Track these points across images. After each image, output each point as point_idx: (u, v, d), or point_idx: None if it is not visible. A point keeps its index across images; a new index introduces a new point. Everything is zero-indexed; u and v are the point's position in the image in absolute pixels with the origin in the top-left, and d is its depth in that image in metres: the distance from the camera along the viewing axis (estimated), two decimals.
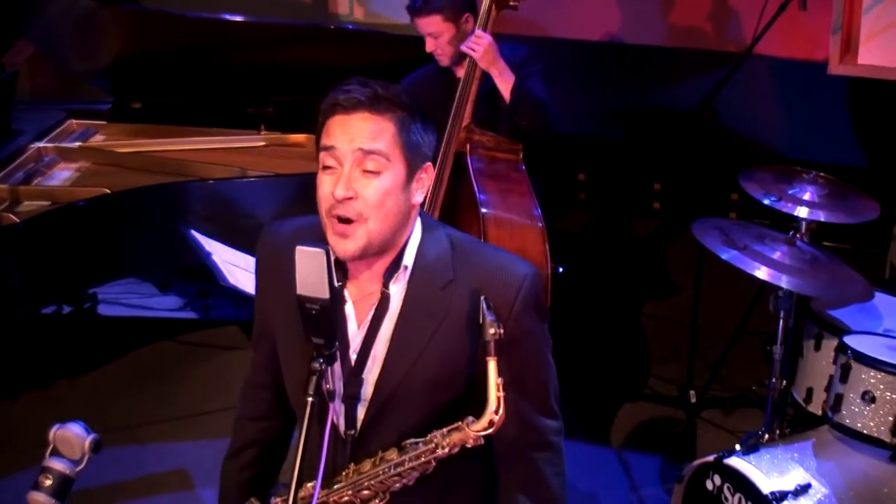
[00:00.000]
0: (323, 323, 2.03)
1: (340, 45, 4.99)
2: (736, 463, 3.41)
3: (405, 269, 2.16)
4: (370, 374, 2.17)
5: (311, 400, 2.02)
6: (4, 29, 5.07)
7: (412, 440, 2.11)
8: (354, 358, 2.18)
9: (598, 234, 6.47)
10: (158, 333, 5.29)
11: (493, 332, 2.00)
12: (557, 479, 2.27)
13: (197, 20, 4.88)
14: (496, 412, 2.02)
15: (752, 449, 3.49)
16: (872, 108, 5.74)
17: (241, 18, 4.85)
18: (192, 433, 4.53)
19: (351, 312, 2.19)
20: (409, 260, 2.16)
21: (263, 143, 5.06)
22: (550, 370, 2.24)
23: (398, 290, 2.16)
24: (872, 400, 3.43)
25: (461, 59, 4.12)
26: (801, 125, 5.93)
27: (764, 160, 4.50)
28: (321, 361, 2.04)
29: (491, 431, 2.04)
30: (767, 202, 3.98)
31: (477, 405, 2.06)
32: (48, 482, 2.07)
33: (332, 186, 2.07)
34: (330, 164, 2.09)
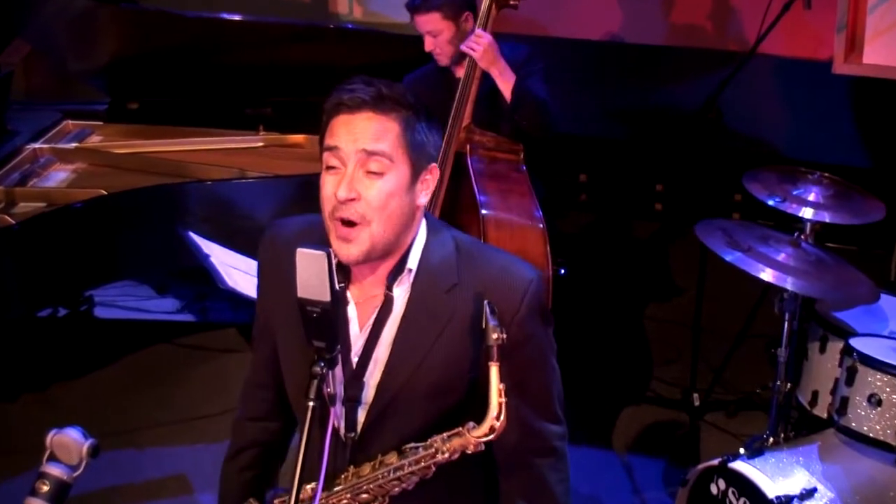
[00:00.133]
0: (324, 326, 2.02)
1: (340, 44, 4.99)
2: (741, 467, 3.41)
3: (409, 272, 2.15)
4: (371, 377, 2.17)
5: (311, 404, 2.01)
6: (0, 28, 5.06)
7: (412, 444, 2.11)
8: (356, 361, 2.17)
9: (599, 235, 6.46)
10: (156, 336, 5.27)
11: (495, 337, 1.98)
12: (561, 485, 2.26)
13: (195, 19, 4.88)
14: (497, 418, 2.01)
15: (756, 453, 3.49)
16: (877, 107, 5.73)
17: (239, 17, 4.84)
18: (190, 437, 4.52)
19: (353, 314, 2.18)
20: (413, 263, 2.15)
21: (262, 143, 5.05)
22: (554, 375, 2.24)
23: (402, 292, 2.15)
24: (879, 403, 3.42)
25: (461, 58, 4.12)
26: (805, 125, 5.92)
27: (768, 160, 4.49)
28: (322, 365, 2.02)
29: (492, 438, 2.03)
30: (772, 203, 3.97)
31: (479, 410, 2.04)
32: (45, 488, 2.06)
33: (334, 187, 2.06)
34: (333, 164, 2.08)
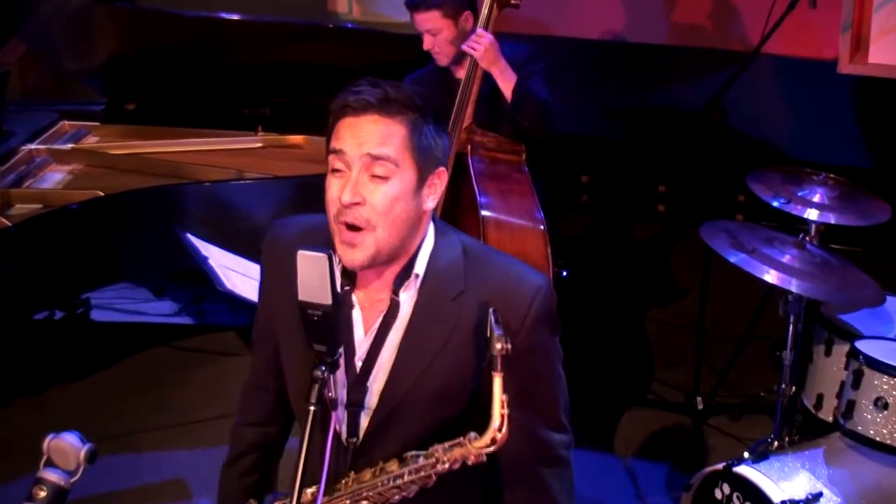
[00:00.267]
0: (325, 330, 2.01)
1: (339, 44, 4.99)
2: (745, 471, 3.40)
3: (416, 277, 2.14)
4: (375, 382, 2.16)
5: (313, 409, 2.00)
6: None
7: (413, 452, 2.09)
8: (360, 365, 2.16)
9: (601, 236, 6.46)
10: (153, 339, 5.26)
11: (500, 346, 1.95)
12: (566, 495, 2.25)
13: (193, 19, 4.87)
14: (499, 430, 1.98)
15: (761, 457, 3.49)
16: (883, 107, 5.72)
17: (237, 17, 4.84)
18: (188, 441, 4.51)
19: (358, 318, 2.17)
20: (420, 268, 2.14)
21: (260, 144, 5.05)
22: (561, 383, 2.23)
23: (408, 298, 2.14)
24: (885, 406, 3.42)
25: (460, 58, 4.12)
26: (809, 125, 5.92)
27: (772, 161, 4.49)
28: (323, 369, 2.02)
29: (493, 449, 2.01)
30: (776, 204, 3.96)
31: (482, 420, 2.02)
32: (42, 493, 2.05)
33: (339, 191, 2.06)
34: (338, 167, 2.07)
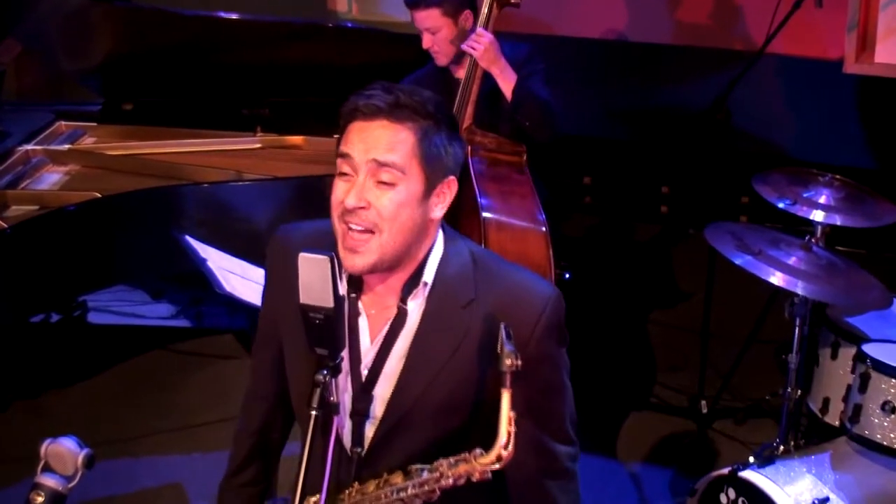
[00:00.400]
0: (326, 333, 2.00)
1: (339, 43, 4.98)
2: (751, 476, 3.40)
3: (425, 285, 2.13)
4: (381, 391, 2.15)
5: (314, 413, 2.00)
6: None
7: (418, 466, 2.08)
8: (365, 374, 2.15)
9: (603, 238, 6.45)
10: (150, 342, 5.26)
11: (509, 363, 1.93)
12: None
13: (191, 18, 4.85)
14: (505, 447, 1.96)
15: (767, 461, 3.48)
16: (889, 107, 5.71)
17: (236, 16, 4.82)
18: (186, 445, 4.51)
19: (364, 326, 2.16)
20: (429, 276, 2.13)
21: (259, 145, 5.03)
22: (567, 394, 2.22)
23: (416, 306, 2.13)
24: (893, 410, 3.42)
25: (460, 58, 4.12)
26: (815, 126, 5.91)
27: (776, 162, 4.48)
28: (325, 373, 2.01)
29: (498, 466, 1.99)
30: (782, 206, 3.95)
31: (488, 434, 2.01)
32: (40, 499, 2.04)
33: (344, 194, 2.05)
34: (345, 171, 2.07)
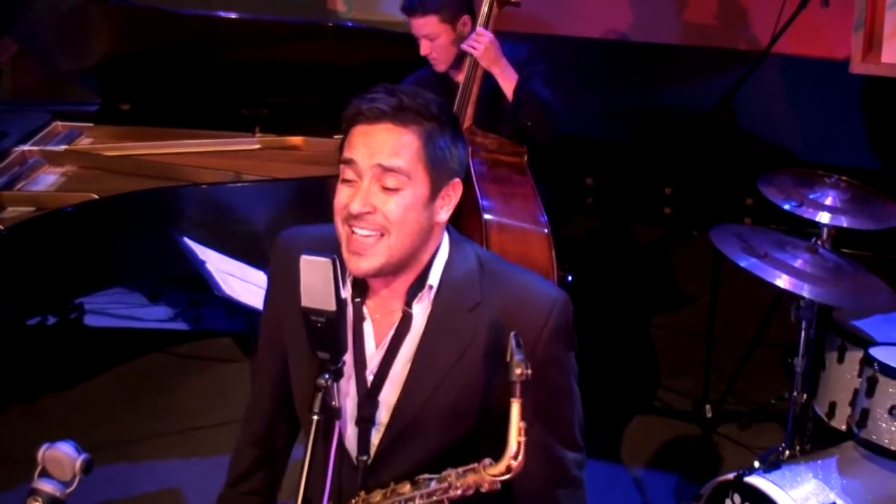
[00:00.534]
0: (328, 337, 1.99)
1: (339, 43, 4.97)
2: (757, 481, 3.39)
3: (430, 288, 2.12)
4: (387, 397, 2.14)
5: (316, 418, 1.98)
6: None
7: (426, 476, 2.06)
8: (371, 379, 2.14)
9: (606, 240, 6.44)
10: (148, 345, 5.25)
11: (519, 372, 1.92)
12: None
13: (189, 17, 4.84)
14: (515, 458, 1.95)
15: (773, 466, 3.47)
16: None
17: (235, 15, 4.81)
18: (184, 449, 4.50)
19: (369, 331, 2.15)
20: (434, 279, 2.12)
21: (258, 145, 5.03)
22: (575, 399, 2.21)
23: (422, 310, 2.13)
24: None
25: (459, 63, 4.11)
26: (820, 126, 5.90)
27: (781, 163, 4.47)
28: (327, 377, 2.00)
29: (508, 477, 1.97)
30: (787, 207, 3.95)
31: (496, 442, 1.99)
32: None
33: (349, 199, 2.04)
34: (349, 176, 2.06)
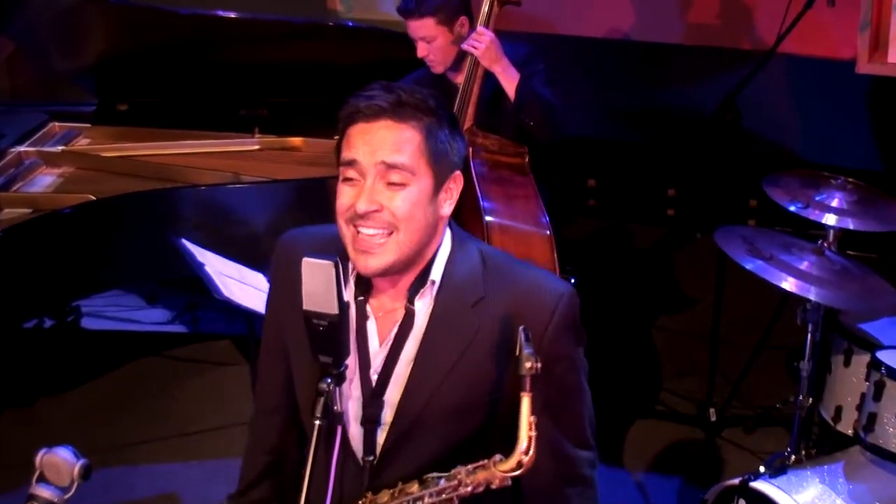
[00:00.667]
0: (330, 340, 1.98)
1: (339, 42, 4.96)
2: (763, 486, 3.38)
3: (432, 283, 2.12)
4: (391, 396, 2.13)
5: (318, 423, 1.98)
6: None
7: (434, 474, 2.05)
8: (375, 378, 2.13)
9: (608, 242, 6.44)
10: (146, 348, 5.25)
11: (529, 366, 1.92)
12: None
13: (188, 16, 4.83)
14: (526, 453, 1.94)
15: (779, 471, 3.46)
16: None
17: (234, 15, 4.81)
18: (182, 453, 4.49)
19: (373, 329, 2.15)
20: (436, 274, 2.12)
21: (258, 146, 5.02)
22: (585, 397, 2.20)
23: (424, 306, 2.12)
24: None
25: (458, 64, 4.11)
26: (826, 127, 5.89)
27: (786, 165, 4.46)
28: (329, 382, 1.99)
29: (519, 473, 1.96)
30: (793, 209, 3.94)
31: (504, 438, 1.99)
32: None
33: (353, 198, 2.03)
34: (351, 176, 2.05)
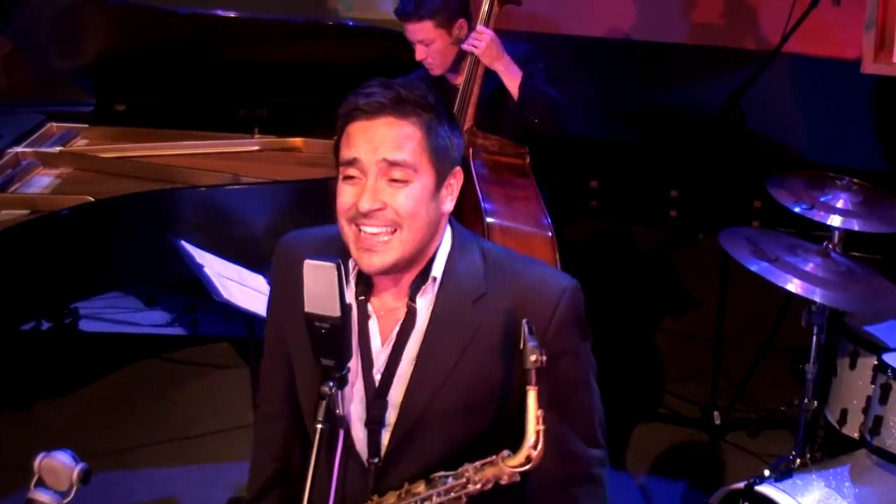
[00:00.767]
0: (332, 343, 1.97)
1: (339, 42, 4.96)
2: (768, 491, 3.37)
3: (433, 280, 2.11)
4: (395, 396, 2.12)
5: (320, 427, 1.97)
6: None
7: (441, 473, 2.04)
8: (378, 378, 2.12)
9: (610, 244, 6.44)
10: (144, 351, 5.25)
11: (534, 359, 1.91)
12: None
13: (187, 15, 4.82)
14: (534, 447, 1.93)
15: (784, 475, 3.45)
16: None
17: (233, 14, 4.80)
18: (180, 457, 4.49)
19: (375, 328, 2.14)
20: (437, 271, 2.11)
21: (257, 147, 5.01)
22: (593, 394, 2.19)
23: (425, 303, 2.11)
24: None
25: (457, 66, 4.11)
26: (831, 128, 5.89)
27: (790, 166, 4.46)
28: (331, 385, 1.98)
29: (528, 468, 1.95)
30: (798, 210, 3.94)
31: (512, 435, 1.98)
32: None
33: (355, 197, 2.02)
34: (352, 174, 2.04)
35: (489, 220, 3.88)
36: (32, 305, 4.43)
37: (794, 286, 3.61)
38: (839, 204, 3.96)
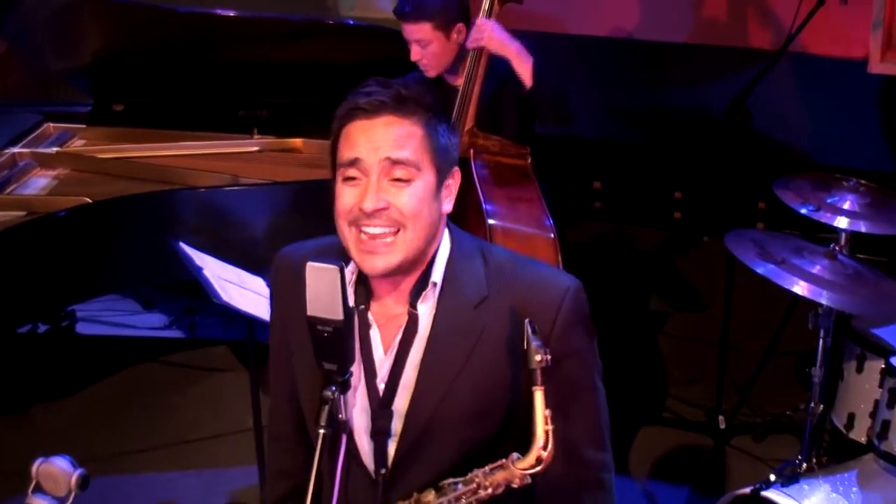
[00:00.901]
0: (335, 347, 1.96)
1: (340, 41, 4.96)
2: (775, 496, 3.37)
3: (434, 285, 2.09)
4: (400, 405, 2.10)
5: (322, 432, 1.95)
6: None
7: (451, 480, 2.03)
8: (382, 388, 2.11)
9: (614, 246, 6.43)
10: (141, 354, 5.25)
11: (538, 359, 1.90)
12: None
13: (185, 14, 4.82)
14: (544, 448, 1.92)
15: (790, 480, 3.45)
16: None
17: (233, 13, 4.80)
18: (179, 462, 4.48)
19: (376, 337, 2.12)
20: (437, 276, 2.09)
21: (256, 148, 5.02)
22: (600, 396, 2.17)
23: (427, 309, 2.09)
24: None
25: (456, 67, 4.11)
26: (838, 128, 5.89)
27: (796, 167, 4.46)
28: (333, 389, 1.97)
29: (539, 469, 1.94)
30: (804, 212, 3.93)
31: (520, 439, 1.97)
32: None
33: (357, 198, 2.01)
34: (353, 175, 2.03)
35: (491, 221, 3.87)
36: (29, 308, 4.42)
37: (800, 288, 3.59)
38: (846, 205, 3.96)
